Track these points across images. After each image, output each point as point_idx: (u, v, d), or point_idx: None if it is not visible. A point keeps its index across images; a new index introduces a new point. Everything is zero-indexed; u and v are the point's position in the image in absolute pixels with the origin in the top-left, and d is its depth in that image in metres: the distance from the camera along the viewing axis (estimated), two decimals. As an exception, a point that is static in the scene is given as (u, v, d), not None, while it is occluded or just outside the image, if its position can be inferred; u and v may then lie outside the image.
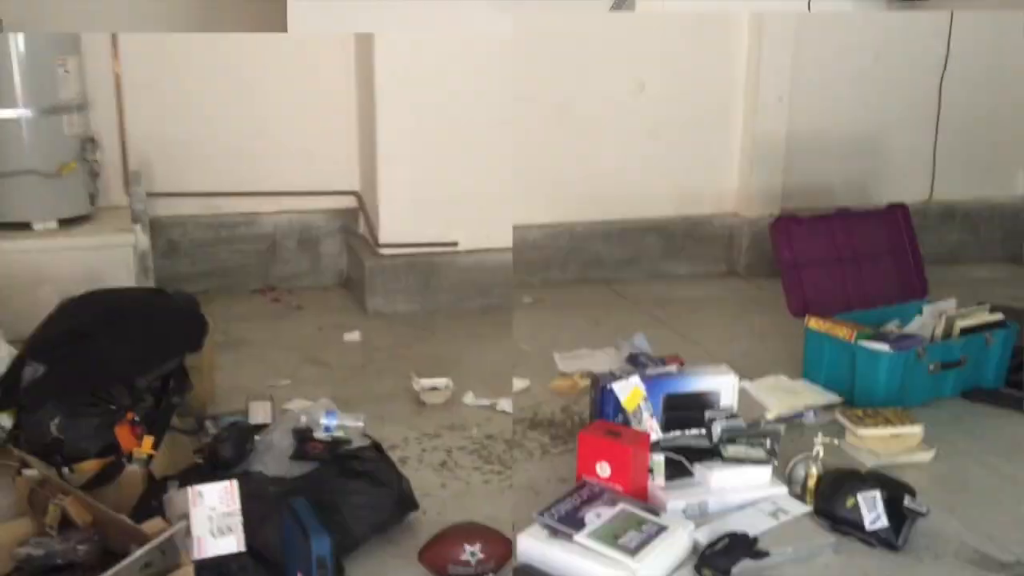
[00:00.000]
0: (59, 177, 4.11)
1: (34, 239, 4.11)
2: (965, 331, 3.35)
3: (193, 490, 2.17)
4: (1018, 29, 4.98)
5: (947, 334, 3.37)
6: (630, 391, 2.74)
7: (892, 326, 3.52)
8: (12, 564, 2.14)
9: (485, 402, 3.50)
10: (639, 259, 4.87)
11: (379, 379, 3.74)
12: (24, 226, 4.14)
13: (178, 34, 4.36)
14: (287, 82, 4.66)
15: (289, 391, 3.55)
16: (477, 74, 4.34)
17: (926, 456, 2.88)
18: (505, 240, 4.56)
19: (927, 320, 3.56)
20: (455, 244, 4.58)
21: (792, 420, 3.09)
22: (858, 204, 4.93)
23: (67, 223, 4.22)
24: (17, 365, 2.61)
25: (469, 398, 3.54)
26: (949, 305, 3.59)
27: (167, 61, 4.50)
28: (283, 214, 4.82)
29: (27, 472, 2.41)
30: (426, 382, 3.57)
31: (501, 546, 2.40)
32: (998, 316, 3.43)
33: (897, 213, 3.78)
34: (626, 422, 2.74)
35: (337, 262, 4.93)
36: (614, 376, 2.84)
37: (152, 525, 2.14)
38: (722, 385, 2.89)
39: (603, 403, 2.82)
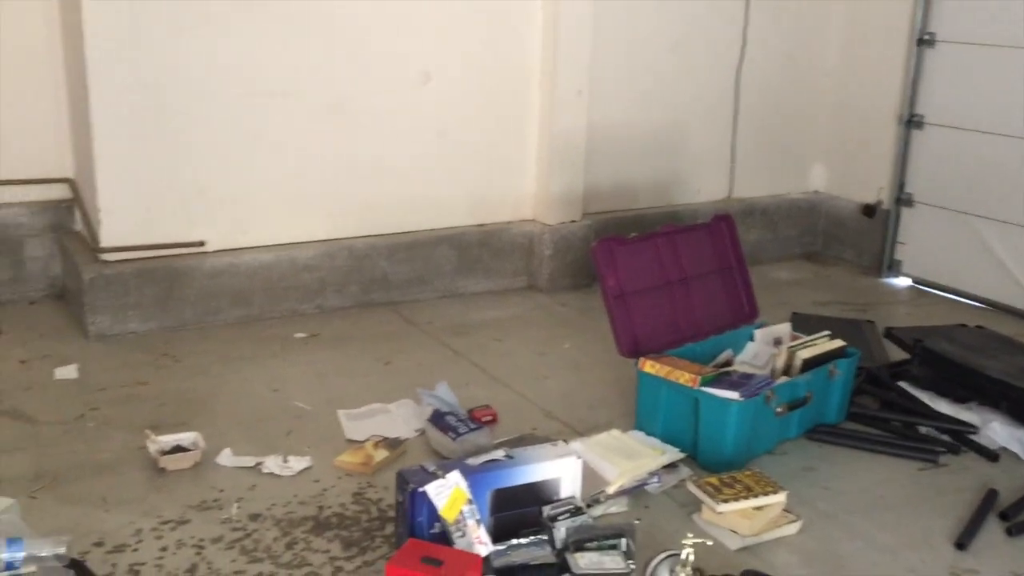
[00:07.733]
0: None
1: None
2: (807, 362, 2.97)
3: None
4: (812, 20, 4.78)
5: (787, 366, 2.99)
6: (450, 494, 2.09)
7: (725, 356, 3.08)
8: None
9: (248, 461, 2.76)
10: (430, 277, 4.17)
11: (102, 437, 2.88)
12: None
13: None
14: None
15: (-32, 469, 2.63)
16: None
17: (792, 529, 2.44)
18: (265, 237, 3.78)
19: (760, 348, 3.18)
20: (202, 244, 3.77)
21: (635, 490, 2.56)
22: (661, 205, 4.61)
23: None
24: None
25: (226, 457, 2.78)
26: (783, 330, 3.22)
27: None
28: (-30, 209, 3.81)
29: None
30: (167, 440, 2.78)
31: None
32: (838, 343, 3.07)
33: (722, 225, 3.34)
34: (444, 534, 2.10)
35: (48, 268, 3.94)
36: (427, 472, 2.18)
37: None
38: (562, 470, 2.31)
39: (414, 511, 2.14)
